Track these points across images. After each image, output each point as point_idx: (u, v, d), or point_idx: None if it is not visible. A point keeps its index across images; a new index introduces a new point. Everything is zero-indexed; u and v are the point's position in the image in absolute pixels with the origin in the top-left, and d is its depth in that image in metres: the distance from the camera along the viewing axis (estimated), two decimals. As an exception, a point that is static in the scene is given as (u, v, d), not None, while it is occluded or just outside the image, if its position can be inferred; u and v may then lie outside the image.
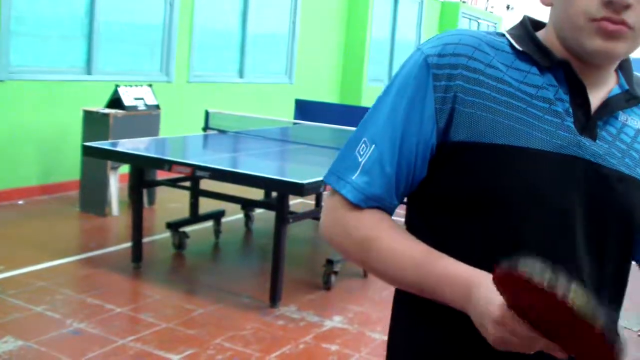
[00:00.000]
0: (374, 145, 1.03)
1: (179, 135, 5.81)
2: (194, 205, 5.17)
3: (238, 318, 3.85)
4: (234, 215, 5.89)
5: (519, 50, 1.04)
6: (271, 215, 4.19)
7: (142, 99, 6.07)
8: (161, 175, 5.61)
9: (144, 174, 4.72)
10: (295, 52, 10.00)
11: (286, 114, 9.26)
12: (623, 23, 0.95)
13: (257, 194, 5.60)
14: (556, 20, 1.03)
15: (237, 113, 6.23)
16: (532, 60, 1.03)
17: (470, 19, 15.80)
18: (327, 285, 4.45)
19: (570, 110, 1.01)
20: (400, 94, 1.03)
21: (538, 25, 1.12)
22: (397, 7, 12.72)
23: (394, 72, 12.90)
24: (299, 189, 3.79)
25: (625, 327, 4.22)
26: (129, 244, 4.67)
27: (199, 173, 4.11)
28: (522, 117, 0.99)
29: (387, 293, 4.52)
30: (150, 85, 6.30)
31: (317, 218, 5.59)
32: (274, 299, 4.06)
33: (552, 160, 0.98)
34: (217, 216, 5.40)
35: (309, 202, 6.42)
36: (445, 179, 1.02)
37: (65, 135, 6.27)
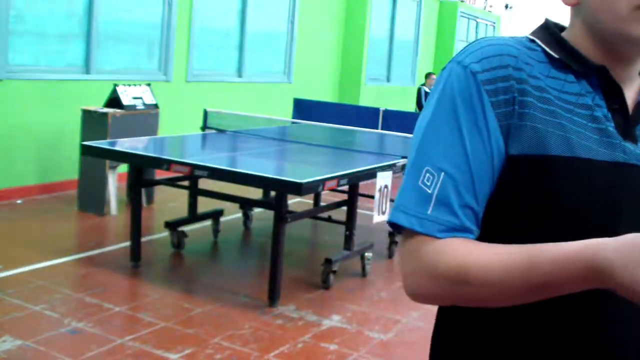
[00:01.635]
0: (443, 173, 0.95)
1: (178, 134, 5.81)
2: (193, 205, 5.17)
3: (236, 317, 3.86)
4: (233, 214, 5.90)
5: (554, 58, 1.01)
6: (270, 214, 4.20)
7: (140, 98, 6.07)
8: (160, 174, 5.61)
9: (142, 173, 4.72)
10: (294, 52, 10.00)
11: (285, 113, 9.25)
12: None
13: (255, 193, 5.60)
14: (589, 15, 1.00)
15: (236, 112, 6.23)
16: (567, 67, 1.00)
17: (469, 18, 15.81)
18: (325, 285, 4.45)
19: (609, 115, 0.99)
20: (454, 114, 0.97)
21: (558, 28, 1.09)
22: (395, 7, 12.72)
23: (392, 71, 12.93)
24: (298, 188, 3.80)
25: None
26: (127, 243, 4.67)
27: (197, 172, 4.11)
28: (570, 126, 0.97)
29: (385, 293, 4.53)
30: (148, 85, 6.29)
31: (316, 217, 5.61)
32: (273, 298, 4.07)
33: (602, 168, 0.96)
34: (215, 215, 5.41)
35: (307, 201, 6.43)
36: (506, 194, 0.98)
37: (64, 134, 6.27)
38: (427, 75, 12.86)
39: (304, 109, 9.57)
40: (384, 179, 4.58)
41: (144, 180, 4.96)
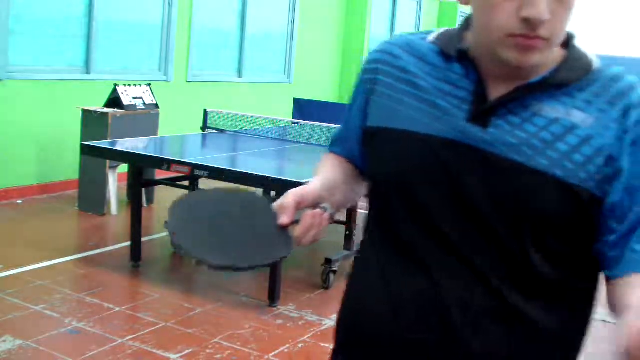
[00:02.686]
0: (342, 124, 1.31)
1: (178, 134, 5.81)
2: (193, 205, 5.16)
3: (237, 317, 3.86)
4: (233, 214, 5.89)
5: (434, 45, 1.14)
6: (270, 214, 4.19)
7: (140, 98, 6.07)
8: (160, 174, 5.61)
9: (142, 173, 4.72)
10: (294, 52, 10.00)
11: (285, 113, 9.25)
12: (537, 37, 0.99)
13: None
14: (475, 26, 1.08)
15: (236, 112, 6.23)
16: (443, 54, 1.12)
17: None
18: (325, 285, 4.45)
19: (469, 98, 1.07)
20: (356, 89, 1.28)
21: None
22: (395, 7, 12.72)
23: (392, 71, 12.94)
24: (298, 188, 3.79)
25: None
26: (127, 243, 4.67)
27: (197, 172, 4.11)
28: (422, 106, 1.10)
29: (385, 292, 4.53)
30: (148, 85, 6.29)
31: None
32: (273, 298, 4.07)
33: (430, 143, 1.07)
34: (215, 215, 5.40)
35: (307, 201, 6.42)
36: (370, 155, 1.21)
37: (64, 134, 6.27)
38: (427, 75, 12.86)
39: (304, 108, 9.56)
40: (384, 179, 4.58)
41: (144, 180, 4.96)
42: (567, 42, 1.08)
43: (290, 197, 1.15)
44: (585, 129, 1.02)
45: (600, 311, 1.18)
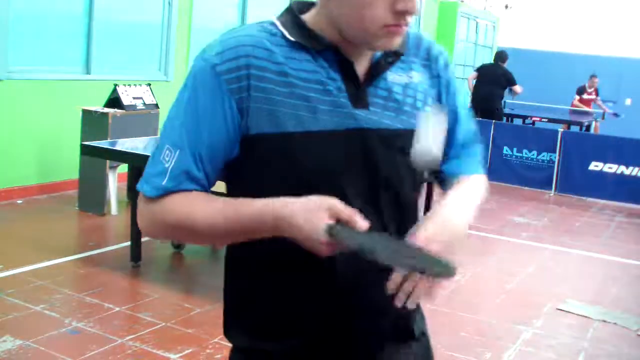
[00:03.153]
0: (178, 151, 1.14)
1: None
2: (193, 205, 5.16)
3: (237, 317, 3.85)
4: (233, 214, 5.89)
5: (292, 41, 1.15)
6: (270, 214, 4.19)
7: (140, 98, 6.07)
8: (160, 174, 5.60)
9: (142, 173, 4.72)
10: (294, 52, 10.00)
11: (285, 113, 9.27)
12: (405, 24, 1.12)
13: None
14: (340, 19, 1.13)
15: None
16: (303, 48, 1.14)
17: (469, 18, 15.81)
18: (325, 285, 4.44)
19: (343, 86, 1.14)
20: (196, 102, 1.14)
21: (306, 5, 1.22)
22: (395, 7, 12.72)
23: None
24: (298, 188, 3.79)
25: (624, 327, 4.23)
26: (127, 243, 4.67)
27: (197, 172, 4.10)
28: (304, 103, 1.12)
29: (385, 292, 4.53)
30: (149, 85, 6.29)
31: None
32: (273, 298, 4.06)
33: (335, 137, 1.12)
34: (215, 215, 5.40)
35: (307, 201, 6.42)
36: (247, 170, 1.16)
37: (64, 134, 6.27)
38: (427, 75, 12.82)
39: (304, 109, 9.58)
40: (384, 179, 4.58)
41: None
42: None
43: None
44: (422, 84, 1.23)
45: (601, 311, 1.18)
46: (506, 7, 18.25)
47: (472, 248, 5.91)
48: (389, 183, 1.18)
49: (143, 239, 4.65)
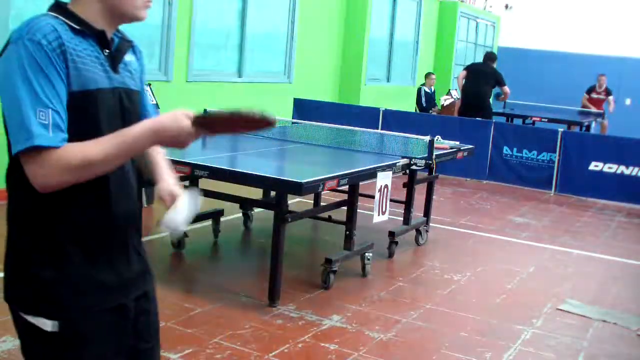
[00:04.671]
0: (50, 109, 1.50)
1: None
2: (193, 205, 5.15)
3: (237, 317, 3.86)
4: (233, 214, 5.90)
5: (74, 28, 1.59)
6: (270, 214, 4.20)
7: (140, 98, 6.05)
8: (160, 174, 5.61)
9: (142, 173, 4.72)
10: (294, 52, 10.00)
11: (285, 113, 9.25)
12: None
13: (255, 193, 5.60)
14: (115, 5, 1.64)
15: (236, 112, 6.21)
16: (80, 32, 1.60)
17: (469, 18, 15.81)
18: (325, 285, 4.45)
19: (105, 58, 1.65)
20: (41, 72, 1.50)
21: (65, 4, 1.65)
22: (395, 7, 12.72)
23: (392, 71, 12.92)
24: (298, 188, 3.80)
25: (624, 327, 4.23)
26: (127, 243, 4.67)
27: (197, 172, 4.11)
28: (90, 69, 1.59)
29: (385, 293, 4.53)
30: (149, 85, 6.29)
31: (316, 217, 5.61)
32: (273, 298, 4.07)
33: (108, 92, 1.63)
34: (215, 215, 5.41)
35: (307, 201, 6.43)
36: (82, 113, 1.58)
37: (64, 134, 6.27)
38: (427, 75, 12.85)
39: (304, 108, 9.58)
40: (384, 179, 4.58)
41: (144, 180, 4.95)
42: None
43: None
44: (135, 63, 1.80)
45: (601, 311, 1.18)
46: (506, 7, 18.25)
47: (472, 248, 5.91)
48: (131, 118, 1.70)
49: (143, 239, 4.64)
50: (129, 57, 1.77)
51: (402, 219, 5.60)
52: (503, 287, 4.86)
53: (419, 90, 12.68)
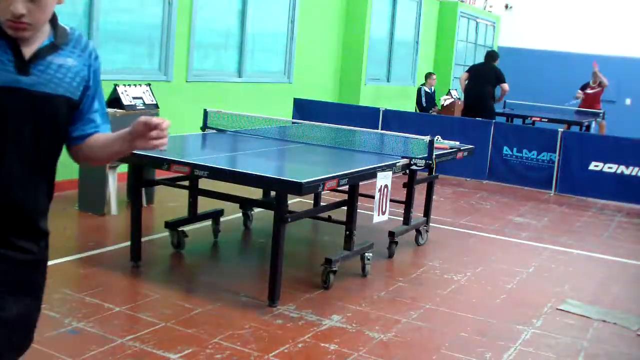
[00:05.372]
0: None
1: (178, 134, 5.80)
2: (193, 205, 5.17)
3: (237, 317, 3.86)
4: (233, 214, 5.90)
5: None
6: (270, 214, 4.20)
7: (140, 98, 6.07)
8: (160, 174, 5.61)
9: (142, 173, 4.72)
10: (294, 52, 10.00)
11: (285, 113, 9.25)
12: (23, 22, 1.69)
13: (255, 193, 5.60)
14: None
15: (236, 112, 6.22)
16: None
17: (469, 18, 15.81)
18: (325, 285, 4.45)
19: (13, 60, 1.72)
20: None
21: None
22: (395, 7, 12.71)
23: (392, 71, 12.92)
24: (298, 188, 3.80)
25: (624, 327, 4.23)
26: (127, 243, 4.67)
27: (197, 172, 4.11)
28: None
29: (385, 293, 4.53)
30: (149, 85, 6.29)
31: (316, 217, 5.60)
32: (273, 298, 4.07)
33: (5, 91, 1.71)
34: (215, 215, 5.41)
35: (307, 201, 6.43)
36: None
37: (64, 134, 6.26)
38: (428, 75, 12.84)
39: (304, 108, 9.58)
40: (384, 179, 4.58)
41: (144, 180, 4.96)
42: (55, 22, 1.81)
43: None
44: (74, 68, 1.83)
45: (601, 311, 1.18)
46: (506, 7, 18.25)
47: (472, 248, 5.91)
48: (42, 130, 1.81)
49: (143, 239, 4.66)
50: (58, 60, 1.80)
51: (402, 219, 5.59)
52: (503, 287, 4.86)
53: (419, 90, 12.67)
